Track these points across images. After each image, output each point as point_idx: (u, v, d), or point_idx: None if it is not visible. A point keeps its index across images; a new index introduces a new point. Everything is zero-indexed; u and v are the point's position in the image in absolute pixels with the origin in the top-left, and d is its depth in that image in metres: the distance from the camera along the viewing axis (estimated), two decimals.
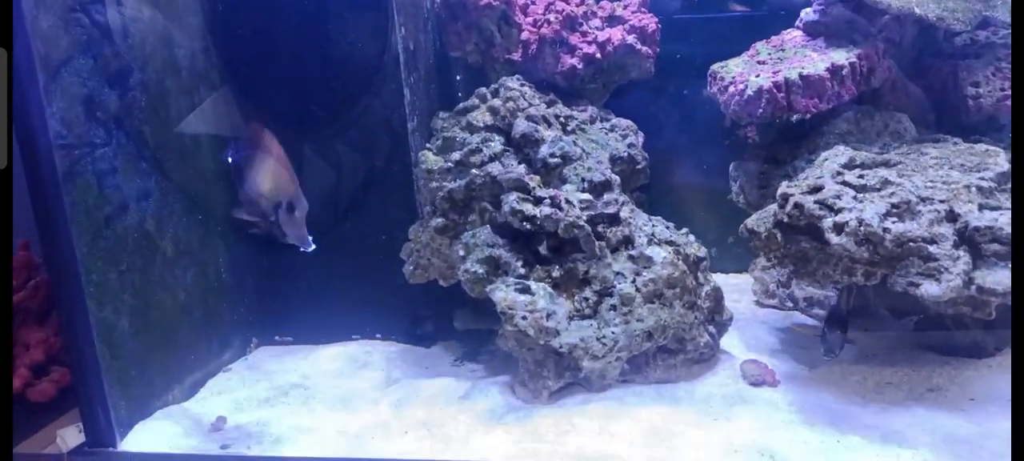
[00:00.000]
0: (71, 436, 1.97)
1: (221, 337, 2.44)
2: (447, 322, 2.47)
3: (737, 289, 2.68)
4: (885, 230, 1.68)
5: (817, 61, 2.10)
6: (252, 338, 2.59)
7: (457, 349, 2.45)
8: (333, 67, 2.43)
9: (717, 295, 2.12)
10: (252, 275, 2.56)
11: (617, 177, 2.13)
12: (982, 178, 1.80)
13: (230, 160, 2.18)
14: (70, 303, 1.81)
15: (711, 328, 2.09)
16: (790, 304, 2.52)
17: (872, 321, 2.40)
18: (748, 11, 2.88)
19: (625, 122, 2.41)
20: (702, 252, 2.12)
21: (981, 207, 1.72)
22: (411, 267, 2.34)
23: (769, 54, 2.23)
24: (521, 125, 2.16)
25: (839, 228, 1.71)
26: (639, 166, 2.35)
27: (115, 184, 1.96)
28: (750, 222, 1.98)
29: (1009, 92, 2.10)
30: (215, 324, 2.41)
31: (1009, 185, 1.84)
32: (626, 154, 2.30)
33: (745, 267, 2.78)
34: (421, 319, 2.55)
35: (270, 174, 2.08)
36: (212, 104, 2.40)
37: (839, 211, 1.72)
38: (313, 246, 2.07)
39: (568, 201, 1.99)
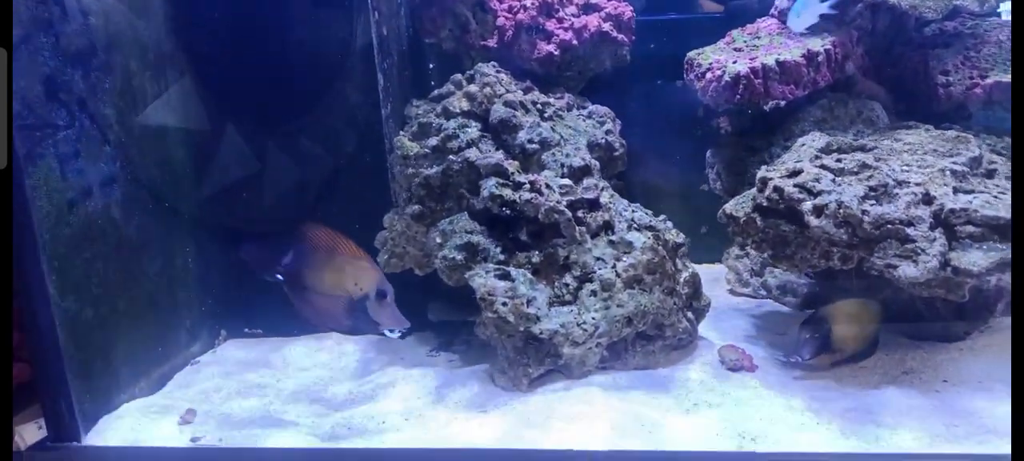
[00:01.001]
0: (29, 433, 1.89)
1: (189, 329, 2.37)
2: (421, 314, 2.44)
3: (711, 279, 2.69)
4: (864, 212, 1.69)
5: (793, 48, 2.12)
6: (221, 331, 2.52)
7: (432, 340, 2.42)
8: (304, 52, 2.38)
9: (695, 281, 2.12)
10: (220, 266, 2.49)
11: (596, 162, 2.12)
12: (955, 162, 1.83)
13: (280, 277, 1.90)
14: (31, 291, 1.74)
15: (689, 314, 2.10)
16: (763, 292, 2.54)
17: None
18: (718, 12, 2.91)
19: (602, 109, 2.40)
20: (681, 238, 2.12)
21: (955, 190, 1.75)
22: (386, 256, 2.29)
23: (745, 42, 2.24)
24: (499, 111, 2.14)
25: (819, 211, 1.72)
26: (616, 153, 2.34)
27: (78, 168, 1.89)
28: (728, 207, 1.99)
29: (978, 80, 2.14)
30: (183, 315, 2.34)
31: (980, 170, 1.88)
32: (603, 141, 2.29)
33: (718, 257, 2.80)
34: None
35: (350, 271, 1.84)
36: (180, 91, 2.33)
37: (818, 194, 1.73)
38: (408, 323, 1.85)
39: (548, 186, 1.97)
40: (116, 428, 1.92)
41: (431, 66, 2.68)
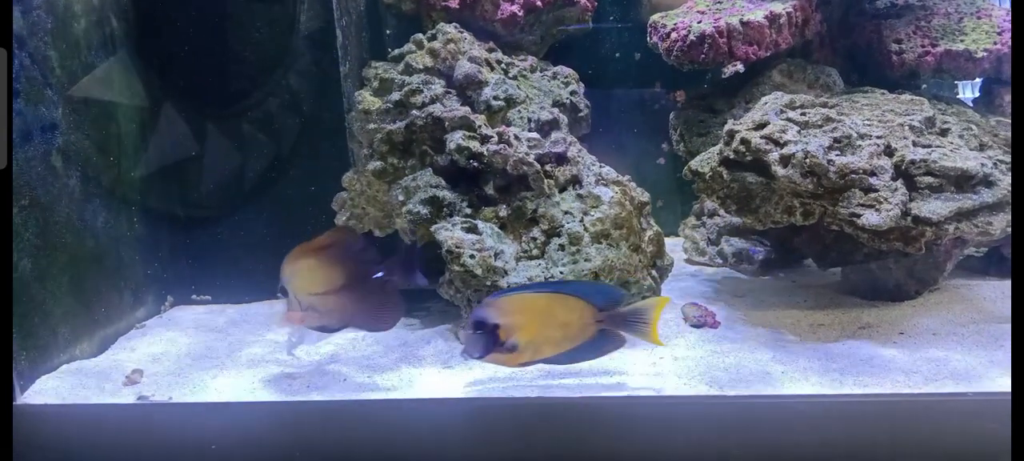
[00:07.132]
0: None
1: (134, 292, 2.25)
2: None
3: (667, 250, 2.72)
4: (829, 162, 1.72)
5: (756, 10, 2.15)
6: (167, 296, 2.40)
7: None
8: (259, 4, 2.30)
9: (659, 240, 2.12)
10: (167, 228, 2.38)
11: (564, 117, 2.10)
12: (912, 119, 1.88)
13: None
14: None
15: (653, 272, 2.09)
16: (719, 261, 2.58)
17: (798, 271, 2.50)
18: None
19: (566, 70, 2.38)
20: (645, 197, 2.12)
21: (915, 144, 1.79)
22: (344, 217, 2.23)
23: (708, 6, 2.26)
24: (464, 66, 2.10)
25: (785, 160, 1.74)
26: (581, 114, 2.33)
27: (16, 108, 1.77)
28: (694, 163, 1.99)
29: (929, 49, 2.22)
30: (128, 277, 2.22)
31: (935, 128, 1.93)
32: (568, 101, 2.28)
33: (675, 230, 2.83)
34: None
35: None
36: (125, 41, 2.22)
37: (785, 144, 1.75)
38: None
39: (516, 138, 1.94)
40: (55, 388, 1.80)
41: (388, 32, 2.62)
